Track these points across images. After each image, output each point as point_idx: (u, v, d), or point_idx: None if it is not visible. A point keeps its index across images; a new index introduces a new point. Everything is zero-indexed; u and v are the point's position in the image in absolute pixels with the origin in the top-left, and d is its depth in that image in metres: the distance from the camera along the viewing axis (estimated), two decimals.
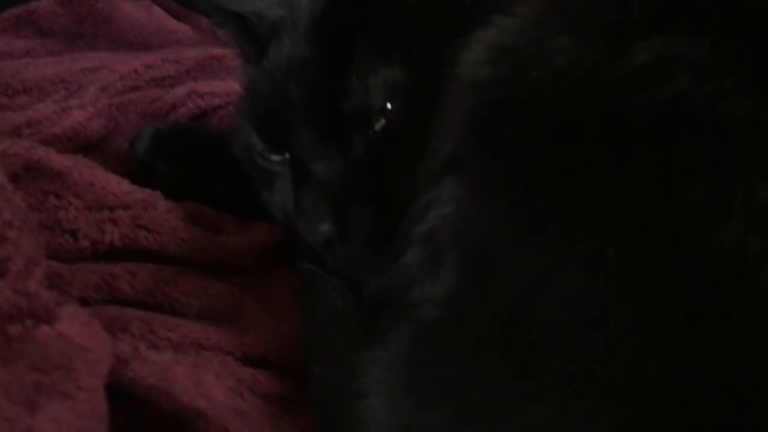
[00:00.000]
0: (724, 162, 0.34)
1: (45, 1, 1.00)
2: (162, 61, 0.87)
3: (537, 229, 0.40)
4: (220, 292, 0.61)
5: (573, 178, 0.38)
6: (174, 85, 0.84)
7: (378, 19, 0.58)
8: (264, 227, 0.67)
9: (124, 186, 0.65)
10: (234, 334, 0.58)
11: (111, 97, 0.81)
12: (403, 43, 0.57)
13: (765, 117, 0.34)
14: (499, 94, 0.43)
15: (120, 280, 0.58)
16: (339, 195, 0.57)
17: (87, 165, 0.65)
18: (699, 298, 0.33)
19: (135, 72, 0.85)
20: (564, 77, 0.39)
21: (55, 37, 0.98)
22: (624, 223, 0.36)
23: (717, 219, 0.33)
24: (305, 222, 0.58)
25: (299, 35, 0.60)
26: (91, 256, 0.60)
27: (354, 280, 0.59)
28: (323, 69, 0.59)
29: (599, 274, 0.36)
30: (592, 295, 0.36)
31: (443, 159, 0.49)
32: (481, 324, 0.41)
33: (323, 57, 0.59)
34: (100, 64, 0.89)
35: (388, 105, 0.57)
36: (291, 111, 0.59)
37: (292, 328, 0.59)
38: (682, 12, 0.39)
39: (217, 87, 0.83)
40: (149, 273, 0.59)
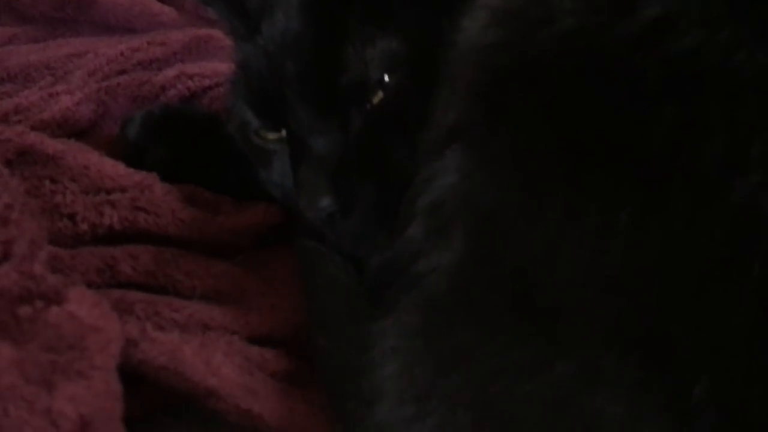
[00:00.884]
0: (739, 115, 0.34)
1: None
2: (148, 44, 0.85)
3: (548, 192, 0.40)
4: (222, 272, 0.61)
5: (584, 139, 0.38)
6: (162, 68, 0.83)
7: None
8: (261, 207, 0.67)
9: (119, 169, 0.64)
10: (238, 313, 0.57)
11: (99, 82, 0.80)
12: (400, 13, 0.57)
13: None
14: (505, 57, 0.43)
15: (121, 262, 0.57)
16: (339, 170, 0.57)
17: (81, 149, 0.65)
18: (718, 251, 0.33)
19: (122, 55, 0.83)
20: (572, 38, 0.39)
21: (38, 24, 0.96)
22: (638, 181, 0.36)
23: (734, 172, 0.33)
24: (305, 198, 0.58)
25: (292, 9, 0.60)
26: (91, 239, 0.59)
27: (356, 255, 0.59)
28: (319, 42, 0.58)
29: (614, 232, 0.36)
30: (608, 253, 0.36)
31: (446, 128, 0.49)
32: (495, 288, 0.41)
33: (318, 30, 0.58)
34: (84, 49, 0.88)
35: (386, 77, 0.57)
36: (287, 86, 0.59)
37: (294, 305, 0.59)
38: None
39: (206, 68, 0.82)
40: (150, 255, 0.59)
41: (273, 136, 0.63)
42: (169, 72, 0.80)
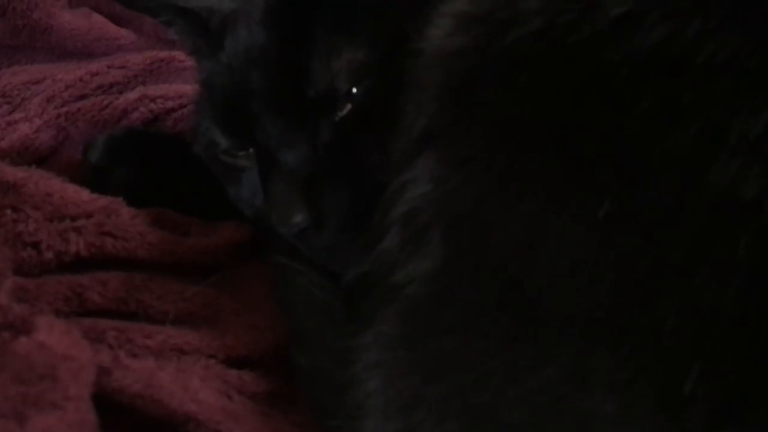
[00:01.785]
0: (714, 102, 0.34)
1: None
2: (108, 68, 0.84)
3: (526, 189, 0.39)
4: (194, 294, 0.59)
5: (559, 134, 0.38)
6: (123, 91, 0.82)
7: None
8: (231, 226, 0.66)
9: (83, 194, 0.62)
10: (214, 336, 0.56)
11: (58, 108, 0.78)
12: (365, 23, 0.56)
13: (749, 54, 0.34)
14: (474, 61, 0.43)
15: (89, 290, 0.55)
16: (310, 183, 0.56)
17: (42, 176, 0.63)
18: (701, 238, 0.33)
19: (81, 80, 0.82)
20: (540, 37, 0.39)
21: None
22: (616, 172, 0.36)
23: (713, 157, 0.33)
24: (278, 214, 0.57)
25: (255, 23, 0.59)
26: (57, 267, 0.57)
27: (331, 269, 0.58)
28: (284, 55, 0.57)
29: (595, 224, 0.36)
30: (590, 246, 0.36)
31: (417, 136, 0.48)
32: (478, 292, 0.40)
33: (282, 43, 0.57)
34: (41, 75, 0.86)
35: (353, 89, 0.56)
36: (254, 101, 0.58)
37: (270, 325, 0.58)
38: None
39: (169, 90, 0.80)
40: (119, 281, 0.57)
41: (242, 153, 0.62)
42: (131, 95, 0.79)
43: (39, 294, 0.53)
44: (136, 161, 0.71)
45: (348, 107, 0.57)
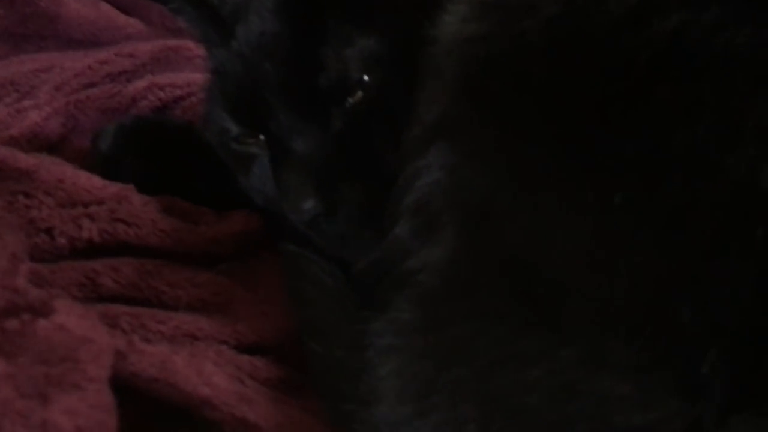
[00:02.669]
0: (729, 91, 0.34)
1: None
2: (116, 56, 0.84)
3: (542, 179, 0.40)
4: (206, 281, 0.59)
5: (575, 124, 0.39)
6: (131, 79, 0.82)
7: None
8: (241, 215, 0.66)
9: (95, 181, 0.62)
10: (226, 323, 0.56)
11: (67, 96, 0.78)
12: (378, 12, 0.57)
13: (764, 42, 0.34)
14: (489, 49, 0.43)
15: (103, 276, 0.56)
16: (322, 171, 0.56)
17: (54, 162, 0.63)
18: (718, 226, 0.34)
19: (89, 68, 0.82)
20: (556, 24, 0.39)
21: (0, 40, 0.94)
22: (632, 160, 0.36)
23: (729, 147, 0.33)
24: (289, 201, 0.57)
25: (267, 11, 0.59)
26: (70, 253, 0.57)
27: (342, 256, 0.58)
28: (296, 43, 0.57)
29: (611, 212, 0.36)
30: (605, 234, 0.36)
31: (430, 125, 0.48)
32: (493, 279, 0.41)
33: (295, 31, 0.58)
34: (50, 64, 0.86)
35: (365, 77, 0.57)
36: (266, 89, 0.58)
37: (281, 312, 0.58)
38: None
39: (177, 78, 0.80)
40: (132, 267, 0.57)
41: (252, 141, 0.62)
42: (140, 83, 0.79)
43: (53, 279, 0.54)
44: (145, 150, 0.71)
45: (360, 95, 0.57)
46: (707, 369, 0.33)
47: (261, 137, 0.61)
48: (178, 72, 0.84)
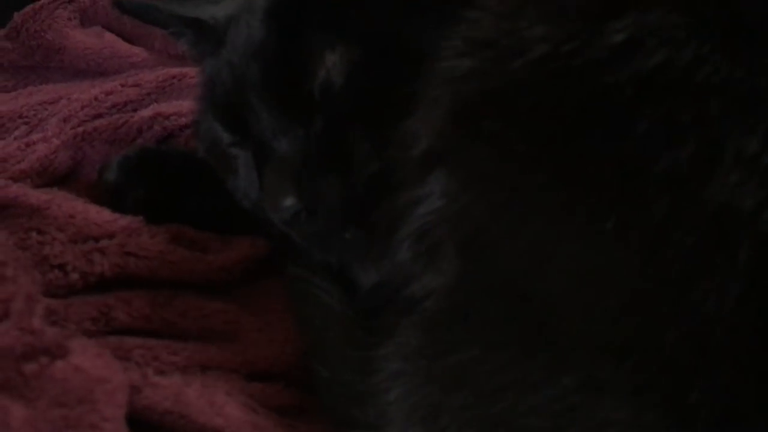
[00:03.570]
0: (710, 122, 0.36)
1: None
2: (122, 86, 0.85)
3: (534, 208, 0.41)
4: (215, 311, 0.61)
5: (564, 155, 0.40)
6: (137, 109, 0.83)
7: None
8: (247, 241, 0.67)
9: (105, 215, 0.64)
10: (235, 351, 0.58)
11: (75, 128, 0.80)
12: (357, 21, 0.58)
13: (741, 78, 0.36)
14: (481, 85, 0.44)
15: (115, 309, 0.57)
16: (302, 170, 0.57)
17: (65, 197, 0.65)
18: (702, 252, 0.35)
19: (96, 99, 0.83)
20: (545, 63, 0.41)
21: (6, 74, 0.96)
22: (618, 189, 0.38)
23: (711, 174, 0.35)
24: (269, 199, 0.58)
25: (255, 20, 0.61)
26: (83, 288, 0.59)
27: (323, 257, 0.59)
28: (281, 47, 0.59)
29: (600, 240, 0.37)
30: (596, 262, 0.38)
31: (425, 154, 0.50)
32: (493, 307, 0.42)
33: (280, 36, 0.59)
34: (57, 95, 0.88)
35: (346, 82, 0.58)
36: (251, 91, 0.60)
37: (290, 338, 0.59)
38: None
39: (182, 107, 0.82)
40: (144, 299, 0.59)
41: (244, 147, 0.63)
42: (145, 113, 0.81)
43: (67, 315, 0.55)
44: (150, 180, 0.72)
45: (341, 99, 0.58)
46: (695, 394, 0.35)
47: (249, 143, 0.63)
48: (182, 100, 0.85)
